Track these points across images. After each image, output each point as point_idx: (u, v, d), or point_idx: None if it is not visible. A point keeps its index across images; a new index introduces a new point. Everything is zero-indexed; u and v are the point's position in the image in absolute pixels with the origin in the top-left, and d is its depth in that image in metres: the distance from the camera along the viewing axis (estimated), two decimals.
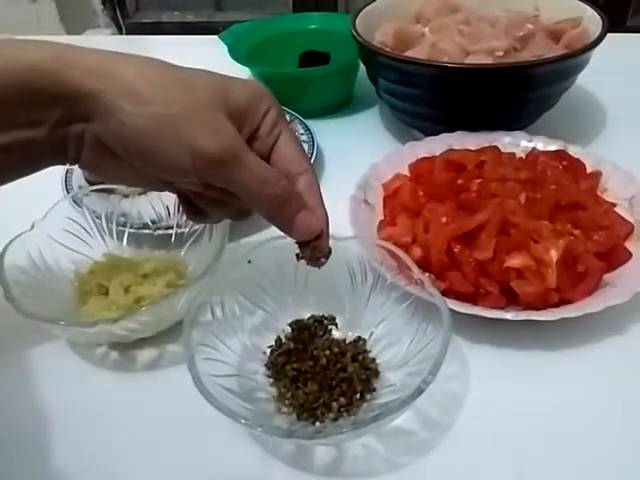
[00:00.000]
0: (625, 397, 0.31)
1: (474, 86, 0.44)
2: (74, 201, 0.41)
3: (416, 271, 0.31)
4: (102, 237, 0.40)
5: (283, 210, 0.26)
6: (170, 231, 0.40)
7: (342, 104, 0.59)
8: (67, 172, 0.49)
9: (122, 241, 0.40)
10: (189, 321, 0.29)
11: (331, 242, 0.33)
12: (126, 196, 0.42)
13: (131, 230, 0.40)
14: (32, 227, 0.37)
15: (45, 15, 1.41)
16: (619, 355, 0.33)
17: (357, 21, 0.50)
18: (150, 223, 0.41)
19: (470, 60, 0.46)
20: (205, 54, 0.64)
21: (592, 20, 0.48)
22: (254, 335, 0.33)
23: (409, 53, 0.48)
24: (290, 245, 0.33)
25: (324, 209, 0.27)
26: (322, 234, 0.27)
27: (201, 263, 0.35)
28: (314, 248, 0.27)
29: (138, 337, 0.34)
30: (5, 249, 0.34)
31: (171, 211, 0.41)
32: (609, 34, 0.45)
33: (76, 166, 0.53)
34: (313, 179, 0.27)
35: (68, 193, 0.46)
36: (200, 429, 0.30)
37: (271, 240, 0.33)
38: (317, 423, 0.29)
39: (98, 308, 0.34)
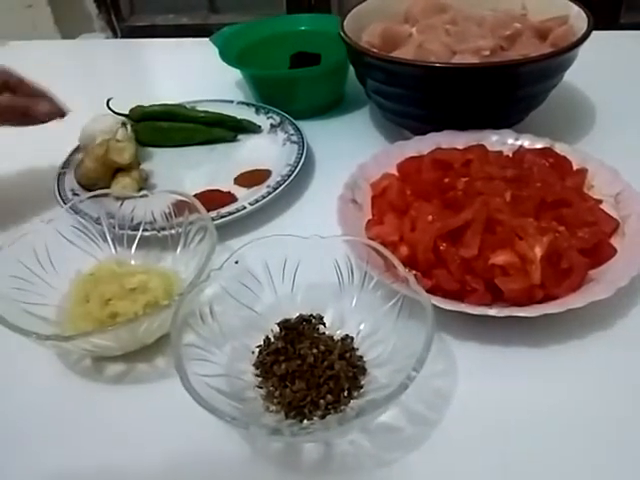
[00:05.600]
0: (609, 391, 0.31)
1: (461, 86, 0.44)
2: (72, 208, 0.41)
3: (401, 269, 0.31)
4: (95, 242, 0.40)
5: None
6: (165, 232, 0.40)
7: (333, 105, 0.59)
8: (59, 175, 0.49)
9: (115, 245, 0.40)
10: (178, 322, 0.29)
11: (318, 240, 0.34)
12: (119, 199, 0.43)
13: (123, 232, 0.41)
14: (27, 234, 0.37)
15: (40, 20, 1.42)
16: (603, 350, 0.33)
17: (345, 22, 0.51)
18: (143, 225, 0.41)
19: (457, 60, 0.47)
20: (198, 56, 0.65)
21: (578, 18, 0.48)
22: (243, 335, 0.33)
23: (396, 53, 0.48)
24: (276, 245, 0.34)
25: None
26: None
27: (192, 263, 0.36)
28: None
29: (105, 354, 0.33)
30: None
31: (166, 213, 0.41)
32: (599, 32, 0.46)
33: (67, 169, 0.54)
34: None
35: (60, 196, 0.47)
36: (190, 429, 0.30)
37: (258, 240, 0.33)
38: (305, 421, 0.29)
39: (76, 315, 0.34)
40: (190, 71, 0.69)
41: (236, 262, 0.33)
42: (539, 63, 0.43)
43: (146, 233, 0.40)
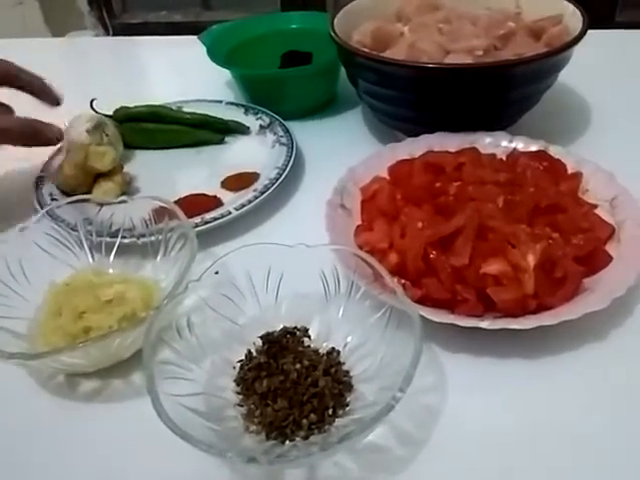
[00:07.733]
0: (604, 404, 0.30)
1: (454, 86, 0.43)
2: (48, 214, 0.39)
3: (389, 280, 0.30)
4: (71, 250, 0.38)
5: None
6: (144, 239, 0.39)
7: (325, 105, 0.57)
8: (38, 179, 0.48)
9: (93, 252, 0.39)
10: (151, 338, 0.28)
11: (303, 249, 0.32)
12: (100, 205, 0.41)
13: (101, 239, 0.39)
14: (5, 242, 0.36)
15: (30, 17, 1.39)
16: (598, 363, 0.32)
17: (336, 21, 0.49)
18: (122, 232, 0.40)
19: (450, 60, 0.45)
20: (189, 55, 0.63)
21: (573, 17, 0.47)
22: (224, 349, 0.32)
23: (388, 53, 0.47)
24: (259, 254, 0.32)
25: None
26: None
27: (173, 271, 0.34)
28: None
29: (77, 371, 0.32)
30: None
31: (146, 219, 0.40)
32: (594, 31, 0.44)
33: (46, 173, 0.52)
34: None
35: (38, 200, 0.45)
36: (166, 449, 0.29)
37: (240, 249, 0.32)
38: (287, 442, 0.28)
39: (48, 330, 0.32)
40: (180, 70, 0.67)
41: (216, 272, 0.31)
42: (533, 63, 0.42)
43: (125, 240, 0.39)
